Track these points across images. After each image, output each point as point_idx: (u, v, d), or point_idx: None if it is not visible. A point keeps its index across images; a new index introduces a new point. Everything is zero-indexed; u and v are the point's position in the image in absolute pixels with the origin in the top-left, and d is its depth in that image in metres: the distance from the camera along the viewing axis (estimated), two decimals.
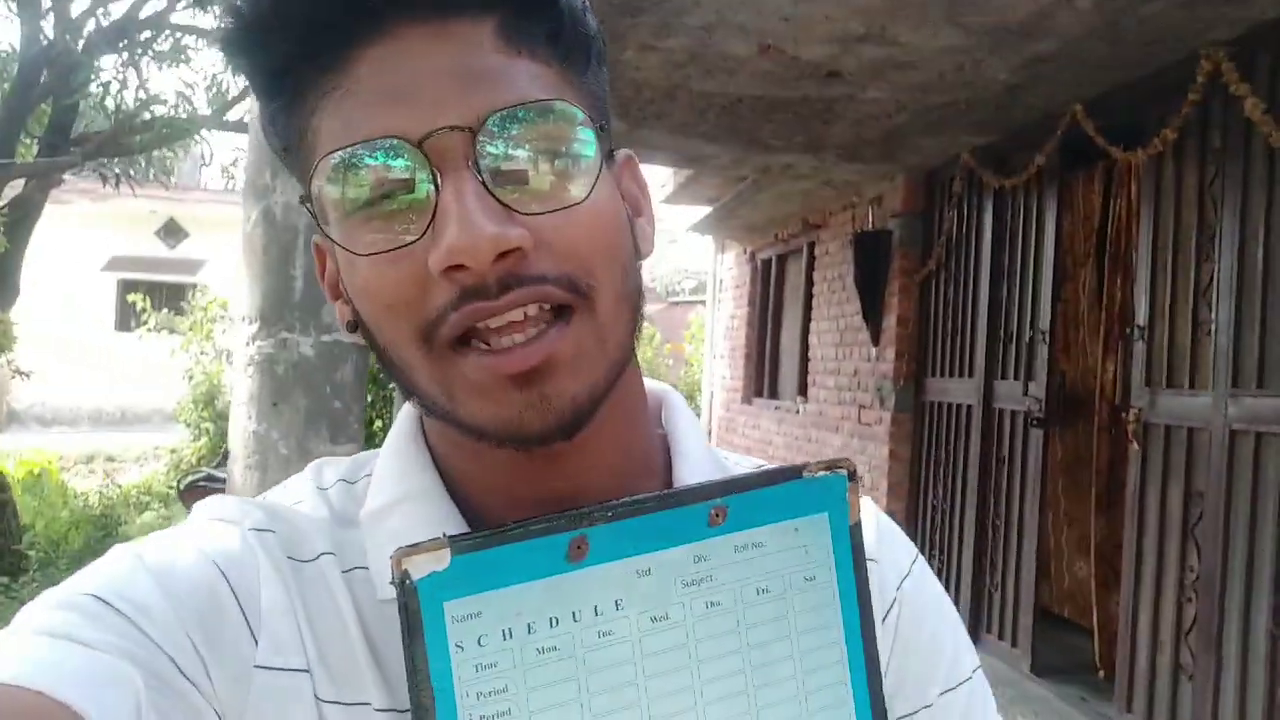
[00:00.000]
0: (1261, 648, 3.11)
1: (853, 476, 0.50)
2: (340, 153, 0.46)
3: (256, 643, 0.47)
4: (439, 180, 0.45)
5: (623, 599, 0.45)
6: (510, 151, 0.46)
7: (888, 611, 0.60)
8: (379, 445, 0.59)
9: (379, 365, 0.52)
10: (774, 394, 7.99)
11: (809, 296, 7.09)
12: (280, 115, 0.51)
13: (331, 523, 0.54)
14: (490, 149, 0.46)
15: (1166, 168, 3.69)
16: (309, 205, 0.50)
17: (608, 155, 0.51)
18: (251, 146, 2.06)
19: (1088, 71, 3.77)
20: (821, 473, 0.49)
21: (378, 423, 9.06)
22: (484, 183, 0.45)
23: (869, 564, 0.59)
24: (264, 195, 2.02)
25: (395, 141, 0.45)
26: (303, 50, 0.48)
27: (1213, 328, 3.39)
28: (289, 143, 0.51)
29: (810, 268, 7.11)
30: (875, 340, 5.81)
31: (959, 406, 5.13)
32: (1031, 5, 3.18)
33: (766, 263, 8.22)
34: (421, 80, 0.46)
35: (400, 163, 0.46)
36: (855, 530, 0.50)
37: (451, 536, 0.43)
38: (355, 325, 0.53)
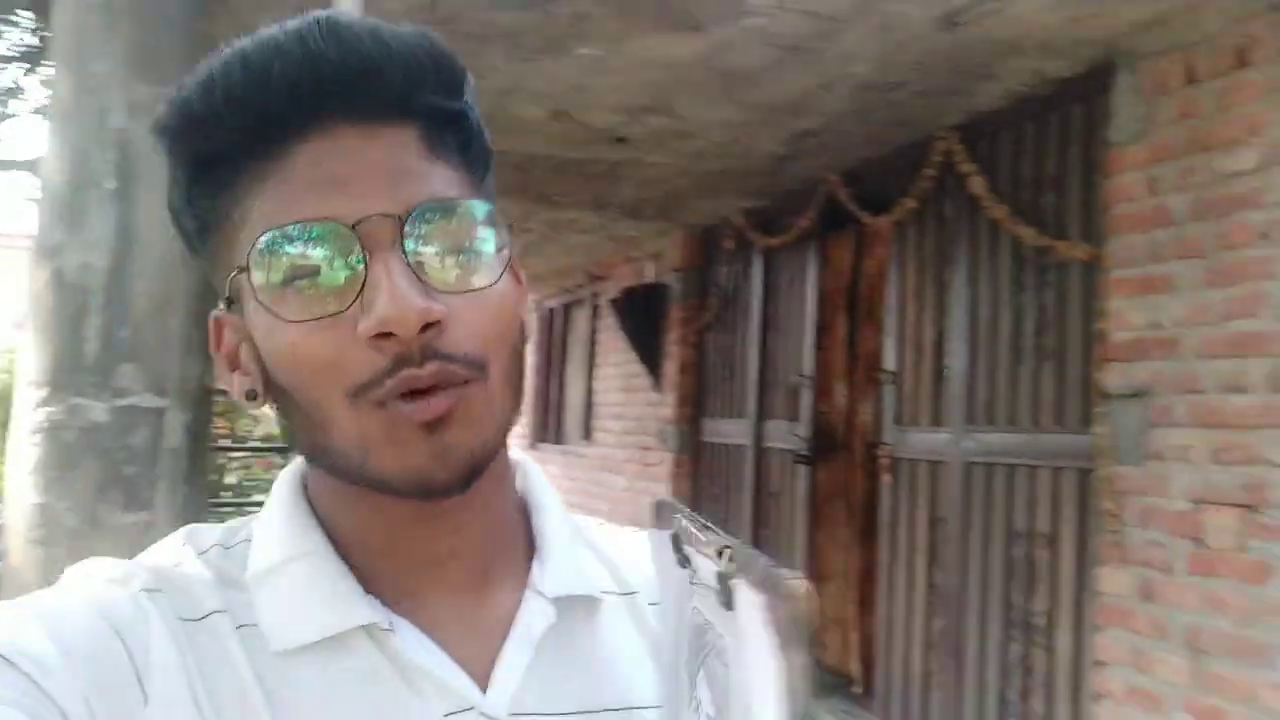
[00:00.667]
0: (994, 654, 3.55)
1: None
2: (278, 230, 0.51)
3: (146, 702, 0.49)
4: (368, 259, 0.50)
5: None
6: (431, 239, 0.52)
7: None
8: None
9: (287, 427, 0.56)
10: (559, 439, 8.14)
11: (593, 345, 7.34)
12: (204, 199, 0.55)
13: (217, 583, 0.56)
14: (414, 235, 0.51)
15: (909, 233, 4.19)
16: (226, 282, 0.55)
17: (505, 250, 0.56)
18: (43, 205, 1.95)
19: (844, 147, 4.24)
20: None
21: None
22: (408, 263, 0.51)
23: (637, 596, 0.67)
24: (55, 255, 1.92)
25: (331, 224, 0.51)
26: (245, 141, 0.52)
27: (950, 373, 3.87)
28: (210, 223, 0.55)
29: (594, 317, 7.35)
30: (656, 386, 6.11)
31: (734, 446, 5.49)
32: (797, 89, 3.56)
33: (552, 311, 8.44)
34: (354, 173, 0.52)
35: (334, 242, 0.51)
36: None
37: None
38: (254, 394, 0.56)
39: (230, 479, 8.75)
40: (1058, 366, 3.40)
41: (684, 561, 0.49)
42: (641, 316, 6.08)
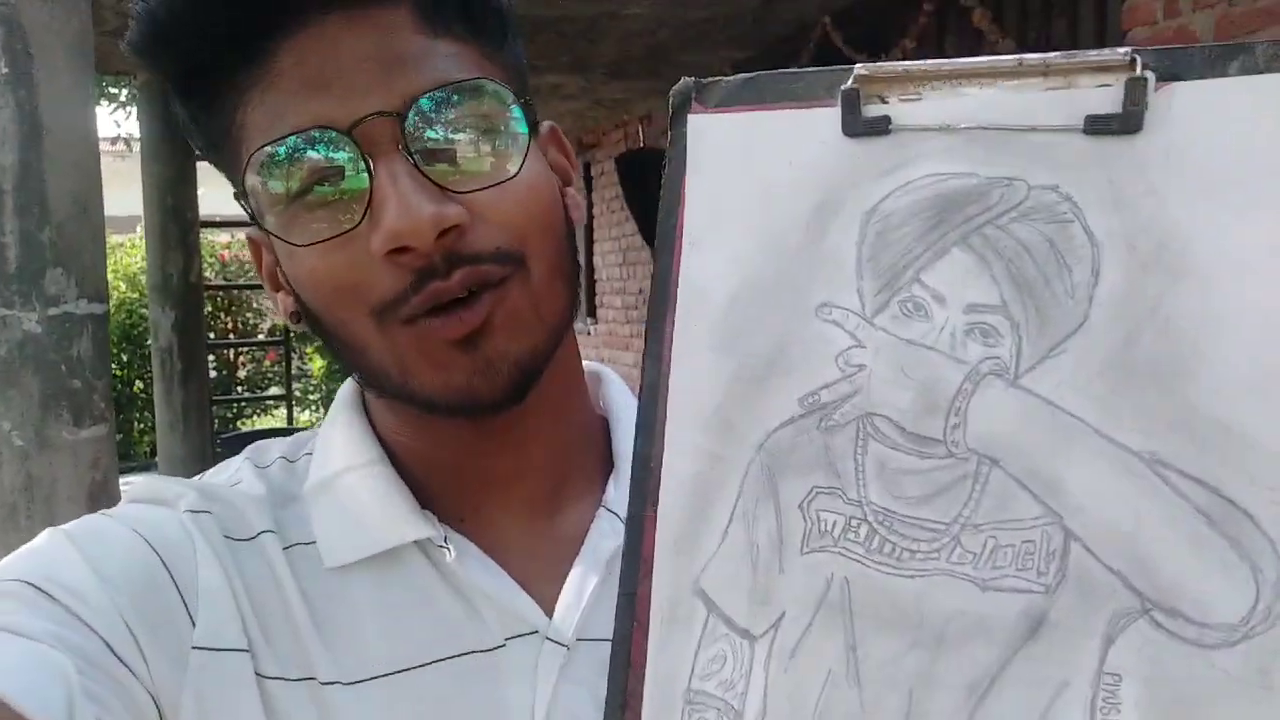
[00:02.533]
0: None
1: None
2: (270, 146, 0.46)
3: (194, 624, 0.47)
4: (372, 166, 0.46)
5: None
6: (439, 132, 0.47)
7: None
8: (140, 412, 0.56)
9: (327, 348, 0.53)
10: None
11: (590, 218, 7.11)
12: (202, 114, 0.50)
13: (270, 500, 0.54)
14: (419, 132, 0.46)
15: None
16: (242, 201, 0.50)
17: (533, 127, 0.51)
18: None
19: None
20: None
21: (138, 384, 8.38)
22: (416, 165, 0.46)
23: None
24: None
25: (325, 131, 0.46)
26: (219, 47, 0.47)
27: None
28: (214, 140, 0.51)
29: (589, 189, 7.10)
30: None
31: None
32: None
33: None
34: (344, 67, 0.46)
35: (332, 151, 0.46)
36: None
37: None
38: (299, 315, 0.53)
39: (241, 374, 8.75)
40: None
41: (876, 126, 0.37)
42: (637, 183, 5.83)
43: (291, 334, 7.53)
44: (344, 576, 0.51)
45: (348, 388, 0.58)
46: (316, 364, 8.44)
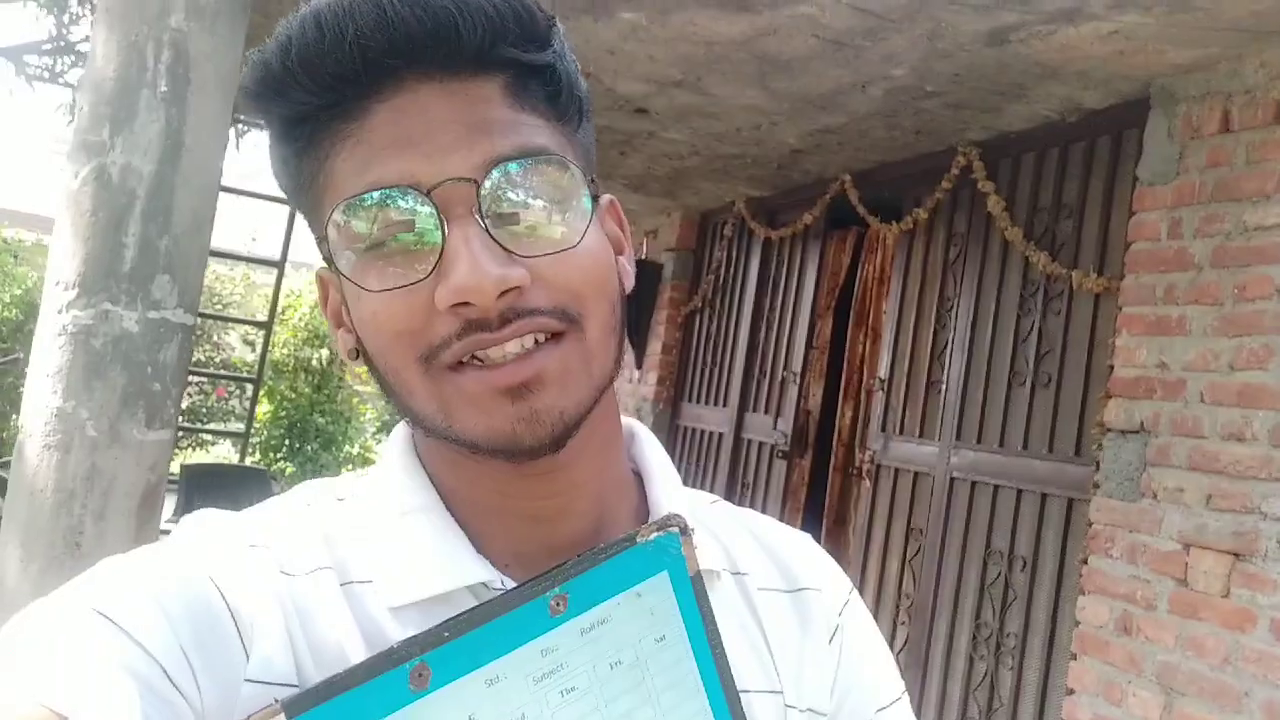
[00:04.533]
0: (961, 667, 3.61)
1: (684, 531, 0.50)
2: (355, 196, 0.50)
3: (248, 657, 0.49)
4: (446, 226, 0.49)
5: (475, 713, 0.43)
6: (511, 199, 0.51)
7: (833, 635, 0.65)
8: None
9: (380, 388, 0.56)
10: None
11: None
12: (293, 159, 0.55)
13: (326, 538, 0.55)
14: (493, 197, 0.50)
15: (917, 242, 4.20)
16: (321, 243, 0.54)
17: (595, 200, 0.55)
18: (87, 99, 1.84)
19: (862, 148, 4.23)
20: (654, 535, 0.49)
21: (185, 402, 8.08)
22: (486, 228, 0.49)
23: (815, 594, 0.65)
24: (99, 152, 1.80)
25: (407, 189, 0.49)
26: (323, 101, 0.51)
27: (943, 387, 3.90)
28: (301, 183, 0.55)
29: None
30: (639, 364, 6.08)
31: (712, 433, 5.49)
32: (831, 84, 3.54)
33: None
34: (432, 129, 0.50)
35: (411, 206, 0.50)
36: (697, 580, 0.50)
37: (285, 700, 0.41)
38: (358, 353, 0.56)
39: (184, 403, 8.59)
40: (1055, 394, 3.43)
41: None
42: (634, 293, 6.02)
43: (262, 373, 7.46)
44: (397, 617, 0.53)
45: (399, 433, 0.61)
46: (262, 408, 8.32)
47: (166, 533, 0.60)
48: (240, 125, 6.11)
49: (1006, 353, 3.65)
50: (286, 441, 8.49)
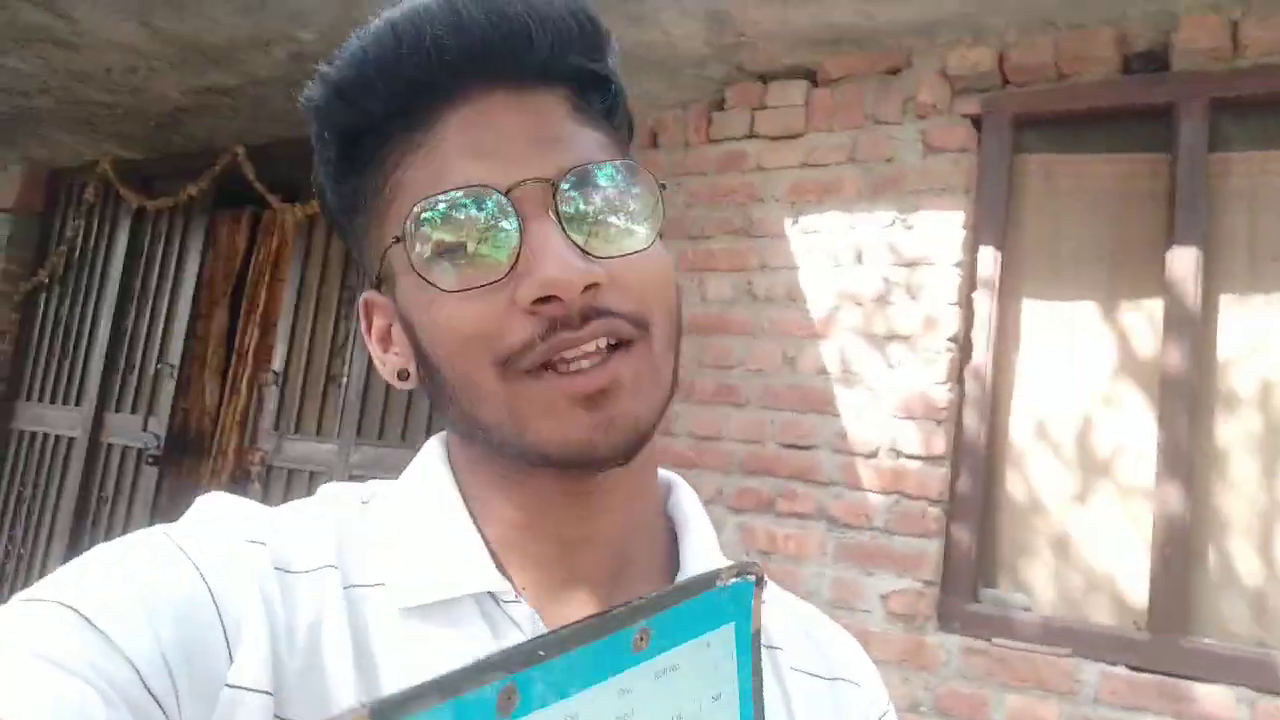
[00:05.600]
0: None
1: (760, 582, 0.47)
2: (434, 198, 0.51)
3: (231, 660, 0.47)
4: (524, 225, 0.50)
5: None
6: (585, 201, 0.52)
7: None
8: None
9: (437, 403, 0.55)
10: None
11: None
12: (354, 175, 0.55)
13: (338, 538, 0.54)
14: (569, 199, 0.51)
15: (319, 227, 3.93)
16: (378, 260, 0.55)
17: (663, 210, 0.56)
18: None
19: (261, 118, 3.83)
20: (733, 580, 0.46)
21: None
22: (563, 228, 0.50)
23: (853, 687, 0.64)
24: None
25: (485, 190, 0.50)
26: (392, 110, 0.53)
27: (344, 382, 3.69)
28: (360, 201, 0.56)
29: None
30: None
31: (59, 438, 4.54)
32: (229, 33, 3.11)
33: None
34: (504, 140, 0.52)
35: (488, 209, 0.50)
36: (756, 637, 0.47)
37: (373, 705, 0.34)
38: (406, 374, 0.57)
39: None
40: None
41: None
42: None
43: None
44: (401, 623, 0.52)
45: (433, 444, 0.61)
46: None
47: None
48: None
49: None
50: None
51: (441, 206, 0.50)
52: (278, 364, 3.92)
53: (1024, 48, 2.57)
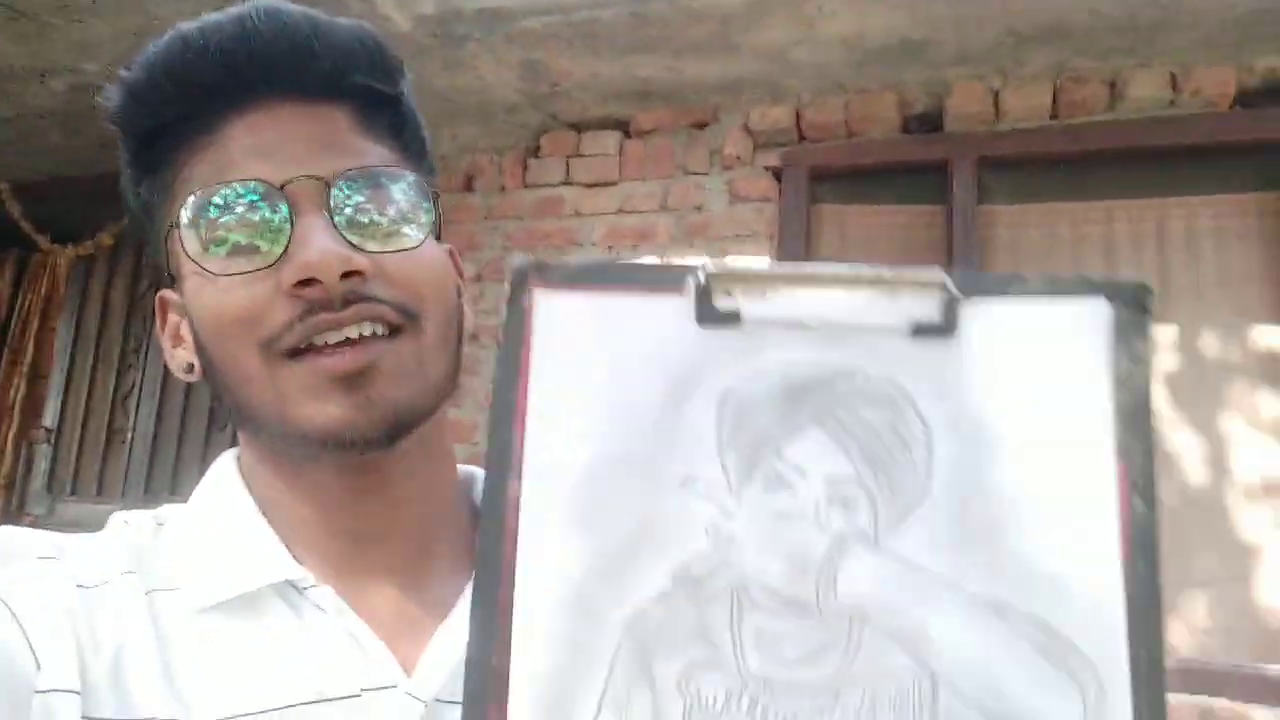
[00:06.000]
0: None
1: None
2: (209, 189, 0.53)
3: (39, 669, 0.47)
4: (294, 218, 0.52)
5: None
6: (358, 204, 0.54)
7: None
8: None
9: (214, 392, 0.57)
10: None
11: None
12: (148, 176, 0.57)
13: (134, 549, 0.55)
14: (341, 199, 0.53)
15: (98, 271, 3.65)
16: (165, 248, 0.57)
17: (437, 229, 0.58)
18: None
19: (34, 153, 3.52)
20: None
21: None
22: (333, 222, 0.53)
23: None
24: None
25: (259, 184, 0.53)
26: (184, 110, 0.55)
27: (129, 437, 3.42)
28: (152, 200, 0.57)
29: None
30: None
31: None
32: (3, 62, 2.86)
33: None
34: (285, 142, 0.54)
35: (261, 201, 0.52)
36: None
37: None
38: (191, 367, 0.58)
39: None
40: None
41: (727, 317, 0.39)
42: None
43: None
44: (204, 620, 0.52)
45: (225, 456, 0.62)
46: None
47: None
48: None
49: (205, 395, 3.37)
50: None
51: (218, 196, 0.52)
52: (49, 420, 3.58)
53: (817, 107, 2.79)
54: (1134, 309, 0.39)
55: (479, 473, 0.66)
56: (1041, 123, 2.63)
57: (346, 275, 0.51)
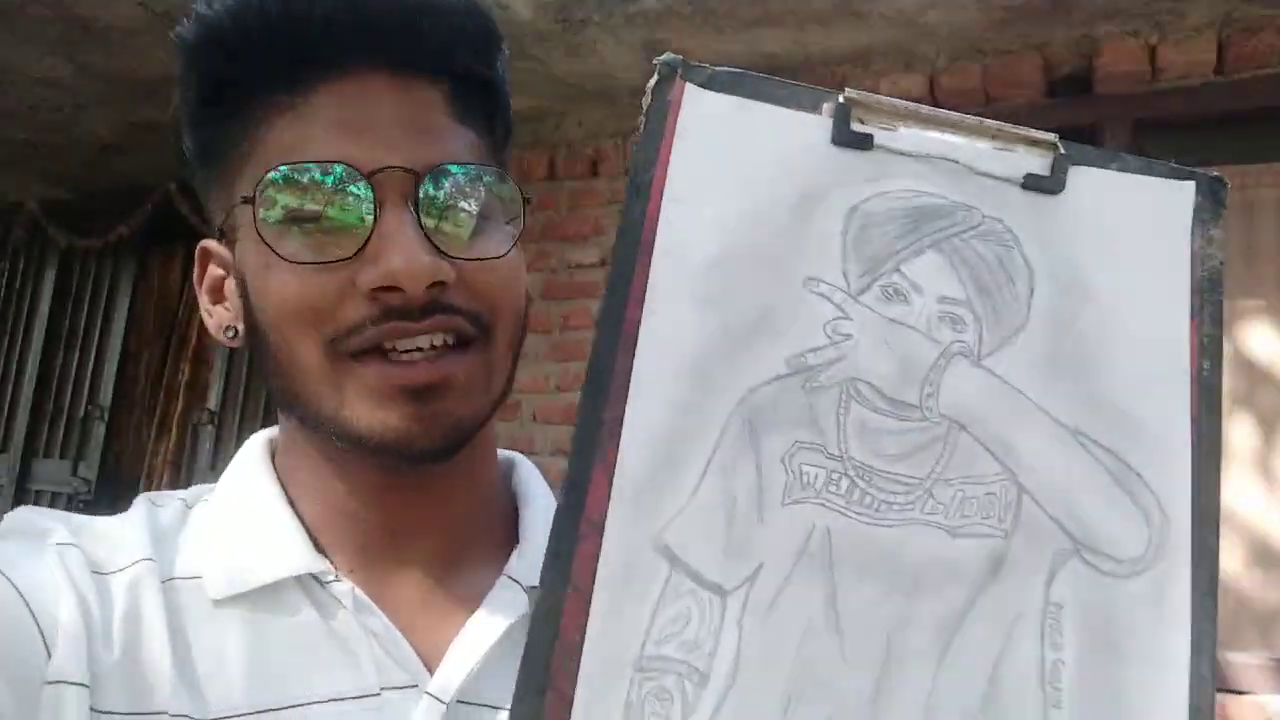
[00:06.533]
0: None
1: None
2: (293, 166, 0.50)
3: (50, 656, 0.47)
4: (380, 211, 0.49)
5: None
6: (446, 200, 0.51)
7: None
8: None
9: (259, 369, 0.54)
10: None
11: None
12: (215, 119, 0.53)
13: (156, 535, 0.54)
14: (431, 194, 0.50)
15: None
16: (225, 211, 0.54)
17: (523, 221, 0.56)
18: None
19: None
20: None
21: None
22: (420, 221, 0.50)
23: None
24: None
25: (347, 169, 0.49)
26: (270, 71, 0.51)
27: None
28: (217, 148, 0.54)
29: None
30: None
31: None
32: (162, 68, 3.05)
33: None
34: (376, 121, 0.51)
35: (348, 187, 0.49)
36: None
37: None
38: (234, 331, 0.56)
39: None
40: None
41: (861, 140, 0.43)
42: None
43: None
44: (223, 612, 0.51)
45: (256, 439, 0.60)
46: None
47: None
48: None
49: None
50: None
51: (299, 176, 0.49)
52: (213, 402, 3.82)
53: (954, 73, 2.64)
54: (1211, 198, 0.43)
55: (517, 458, 0.65)
56: (1205, 79, 2.40)
57: (431, 286, 0.49)
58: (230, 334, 0.56)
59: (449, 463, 0.53)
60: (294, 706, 0.49)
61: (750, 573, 0.37)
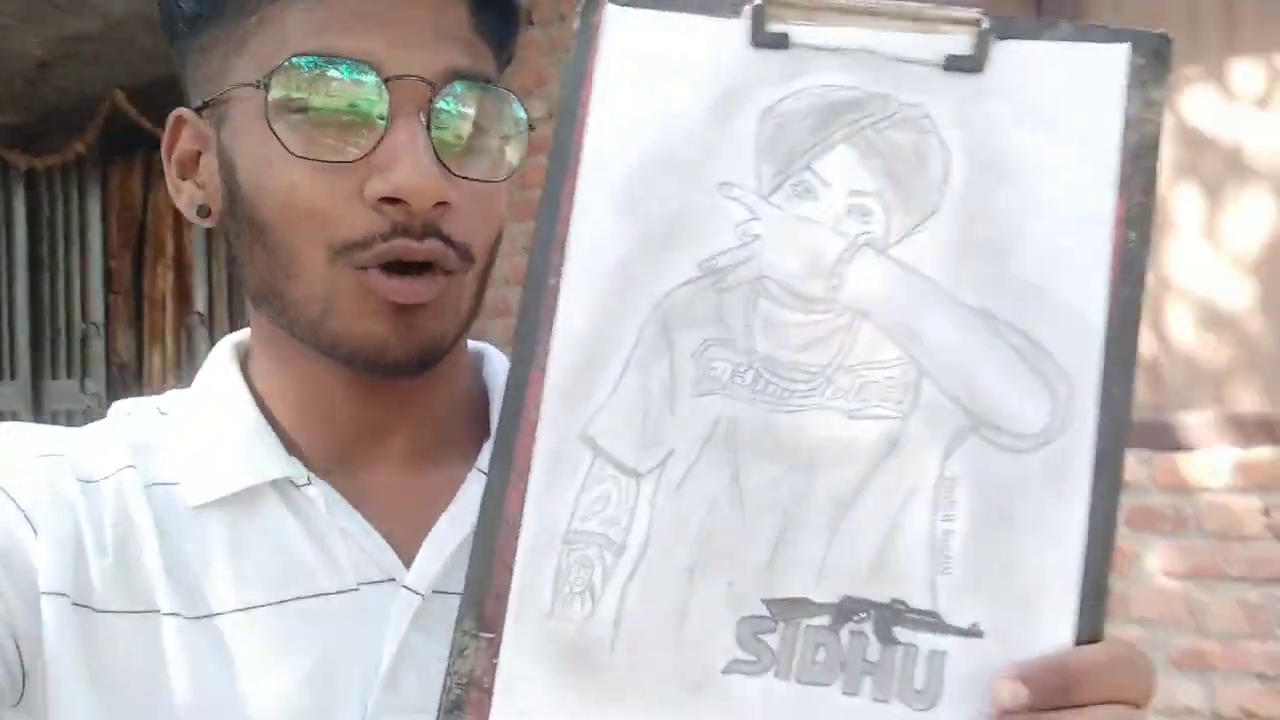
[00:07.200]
0: None
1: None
2: (311, 57, 0.48)
3: (41, 570, 0.48)
4: (392, 118, 0.48)
5: None
6: (458, 116, 0.50)
7: None
8: None
9: (239, 256, 0.53)
10: None
11: None
12: None
13: (135, 442, 0.54)
14: (445, 106, 0.50)
15: None
16: (219, 87, 0.51)
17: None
18: None
19: (131, 60, 3.72)
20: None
21: None
22: (430, 135, 0.49)
23: None
24: None
25: (366, 67, 0.48)
26: None
27: None
28: (214, 13, 0.51)
29: None
30: None
31: (4, 414, 4.55)
32: None
33: None
34: (401, 19, 0.49)
35: (364, 87, 0.48)
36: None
37: None
38: (207, 211, 0.54)
39: None
40: None
41: (777, 39, 0.44)
42: None
43: None
44: (202, 516, 0.52)
45: (225, 343, 0.60)
46: None
47: None
48: None
49: None
50: None
51: (316, 68, 0.48)
52: (200, 305, 3.93)
53: None
54: (1153, 58, 0.42)
55: (488, 350, 0.65)
56: None
57: (436, 205, 0.49)
58: (203, 213, 0.54)
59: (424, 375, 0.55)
60: (276, 603, 0.50)
61: (662, 458, 0.41)
